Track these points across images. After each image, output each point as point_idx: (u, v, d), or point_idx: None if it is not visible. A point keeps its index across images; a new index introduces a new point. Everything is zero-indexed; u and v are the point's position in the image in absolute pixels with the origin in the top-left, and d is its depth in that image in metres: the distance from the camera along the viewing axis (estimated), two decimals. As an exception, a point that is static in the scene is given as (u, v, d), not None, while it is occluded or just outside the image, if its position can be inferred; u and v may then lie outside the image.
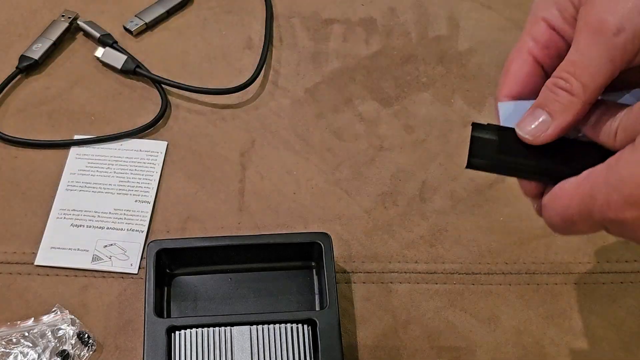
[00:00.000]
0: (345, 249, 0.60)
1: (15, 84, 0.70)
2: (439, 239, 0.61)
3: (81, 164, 0.65)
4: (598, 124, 0.40)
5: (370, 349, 0.56)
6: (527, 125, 0.41)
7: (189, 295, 0.57)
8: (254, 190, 0.64)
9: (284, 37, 0.73)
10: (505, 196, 0.63)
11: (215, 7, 0.76)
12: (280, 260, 0.58)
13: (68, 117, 0.68)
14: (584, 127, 0.41)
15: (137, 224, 0.62)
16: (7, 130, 0.66)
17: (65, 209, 0.62)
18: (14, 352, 0.54)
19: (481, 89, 0.70)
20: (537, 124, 0.41)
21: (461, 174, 0.65)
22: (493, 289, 0.59)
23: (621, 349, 0.56)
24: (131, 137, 0.67)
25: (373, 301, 0.58)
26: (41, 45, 0.71)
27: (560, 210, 0.40)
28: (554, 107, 0.40)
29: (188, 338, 0.53)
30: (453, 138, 0.67)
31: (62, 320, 0.56)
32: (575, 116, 0.40)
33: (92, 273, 0.59)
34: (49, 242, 0.61)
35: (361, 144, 0.66)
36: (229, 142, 0.67)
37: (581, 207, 0.39)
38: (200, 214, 0.62)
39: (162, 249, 0.57)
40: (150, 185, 0.64)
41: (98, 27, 0.73)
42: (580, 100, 0.39)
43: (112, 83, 0.70)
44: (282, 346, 0.53)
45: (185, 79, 0.69)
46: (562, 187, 0.40)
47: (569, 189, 0.39)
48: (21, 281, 0.59)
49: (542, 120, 0.41)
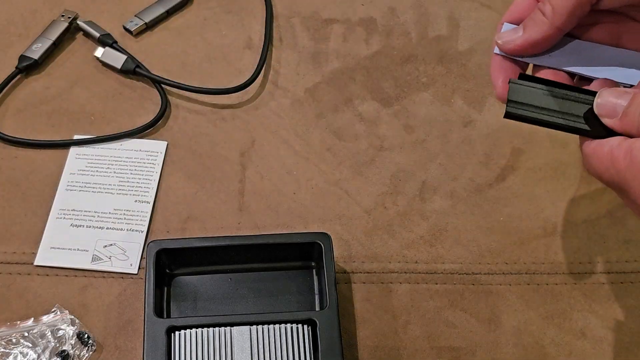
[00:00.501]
0: (345, 249, 0.60)
1: (15, 84, 0.70)
2: (439, 239, 0.61)
3: (81, 164, 0.65)
4: (624, 117, 0.41)
5: (370, 349, 0.56)
6: (504, 35, 0.47)
7: (189, 296, 0.57)
8: (254, 190, 0.64)
9: (284, 37, 0.73)
10: (505, 196, 0.63)
11: (215, 7, 0.76)
12: (280, 260, 0.58)
13: (68, 117, 0.68)
14: (611, 122, 0.42)
15: (137, 224, 0.62)
16: (7, 130, 0.66)
17: (65, 209, 0.62)
18: (13, 352, 0.54)
19: (481, 89, 0.70)
20: (511, 32, 0.46)
21: (461, 174, 0.65)
22: (493, 289, 0.59)
23: (621, 349, 0.56)
24: (131, 137, 0.67)
25: (373, 301, 0.58)
26: (41, 45, 0.70)
27: (597, 172, 0.42)
28: (527, 23, 0.46)
29: (188, 338, 0.53)
30: (453, 138, 0.67)
31: (62, 320, 0.56)
32: (543, 35, 0.45)
33: (92, 273, 0.59)
34: (49, 242, 0.61)
35: (361, 144, 0.66)
36: (229, 142, 0.67)
37: (614, 181, 0.40)
38: (200, 214, 0.62)
39: (162, 249, 0.56)
40: (150, 185, 0.64)
41: (98, 27, 0.73)
42: (548, 21, 0.45)
43: (112, 83, 0.70)
44: (282, 346, 0.53)
45: (185, 79, 0.69)
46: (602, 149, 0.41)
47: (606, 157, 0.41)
48: (21, 281, 0.59)
49: (515, 32, 0.46)
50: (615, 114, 0.41)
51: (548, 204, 0.63)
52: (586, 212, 0.62)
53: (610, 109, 0.42)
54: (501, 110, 0.69)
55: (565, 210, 0.63)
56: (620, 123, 0.41)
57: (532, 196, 0.63)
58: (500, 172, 0.65)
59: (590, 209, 0.63)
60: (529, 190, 0.64)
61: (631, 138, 0.40)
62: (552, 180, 0.64)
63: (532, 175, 0.65)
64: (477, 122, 0.68)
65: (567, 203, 0.63)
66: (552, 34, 0.45)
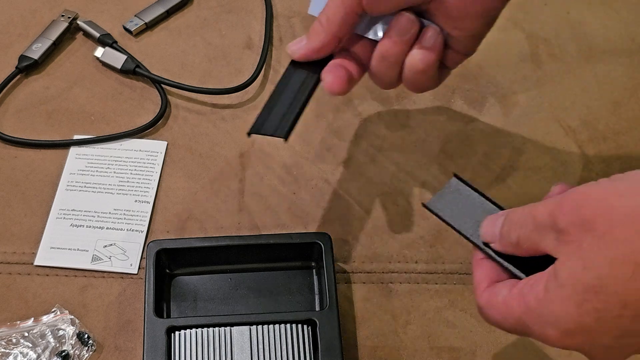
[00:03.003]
0: (345, 249, 0.60)
1: (14, 84, 0.70)
2: (439, 239, 0.61)
3: (81, 164, 0.65)
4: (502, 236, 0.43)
5: (370, 349, 0.56)
6: (291, 45, 0.52)
7: (189, 296, 0.57)
8: (253, 190, 0.64)
9: (284, 37, 0.73)
10: (504, 196, 0.63)
11: (215, 7, 0.76)
12: (280, 260, 0.58)
13: (68, 117, 0.68)
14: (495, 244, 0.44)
15: (137, 224, 0.62)
16: (7, 130, 0.66)
17: (65, 209, 0.62)
18: (13, 353, 0.54)
19: (481, 89, 0.70)
20: (297, 42, 0.51)
21: (461, 174, 0.64)
22: (493, 289, 0.59)
23: (621, 349, 0.56)
24: (131, 137, 0.67)
25: (373, 301, 0.58)
26: (41, 45, 0.70)
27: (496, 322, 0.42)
28: (309, 33, 0.51)
29: (188, 338, 0.53)
30: (453, 138, 0.67)
31: (62, 320, 0.56)
32: (322, 42, 0.50)
33: (91, 273, 0.59)
34: (49, 242, 0.61)
35: (361, 144, 0.66)
36: (229, 142, 0.67)
37: (516, 329, 0.41)
38: (200, 214, 0.62)
39: (162, 249, 0.57)
40: (150, 185, 0.64)
41: (98, 27, 0.73)
42: (324, 30, 0.50)
43: (111, 83, 0.70)
44: (282, 346, 0.53)
45: (185, 79, 0.69)
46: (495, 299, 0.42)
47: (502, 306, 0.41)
48: (21, 281, 0.59)
49: (300, 41, 0.51)
50: (495, 238, 0.43)
51: (548, 204, 0.63)
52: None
53: (491, 234, 0.43)
54: (501, 110, 0.69)
55: (565, 210, 0.63)
56: (500, 245, 0.43)
57: (532, 196, 0.63)
58: (500, 172, 0.65)
59: (590, 209, 0.63)
60: (529, 190, 0.64)
61: (519, 280, 0.41)
62: (552, 180, 0.64)
63: (532, 175, 0.65)
64: (477, 122, 0.68)
65: (567, 203, 0.63)
66: (330, 41, 0.50)
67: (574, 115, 0.68)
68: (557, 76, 0.71)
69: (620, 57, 0.72)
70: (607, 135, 0.67)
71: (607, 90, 0.70)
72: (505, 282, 0.42)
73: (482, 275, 0.44)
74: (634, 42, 0.73)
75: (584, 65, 0.72)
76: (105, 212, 0.62)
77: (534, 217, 0.40)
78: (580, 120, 0.68)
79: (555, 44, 0.73)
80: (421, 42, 0.50)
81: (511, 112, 0.69)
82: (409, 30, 0.49)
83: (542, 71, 0.71)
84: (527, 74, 0.71)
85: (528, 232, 0.40)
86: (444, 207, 0.47)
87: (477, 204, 0.46)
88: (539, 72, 0.71)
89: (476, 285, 0.44)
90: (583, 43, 0.73)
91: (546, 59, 0.72)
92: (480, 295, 0.43)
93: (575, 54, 0.72)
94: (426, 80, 0.52)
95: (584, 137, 0.67)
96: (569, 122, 0.68)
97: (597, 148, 0.66)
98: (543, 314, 0.39)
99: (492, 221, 0.44)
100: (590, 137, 0.67)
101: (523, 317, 0.40)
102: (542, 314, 0.39)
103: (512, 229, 0.42)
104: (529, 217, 0.40)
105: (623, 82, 0.70)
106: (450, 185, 0.47)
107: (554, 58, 0.72)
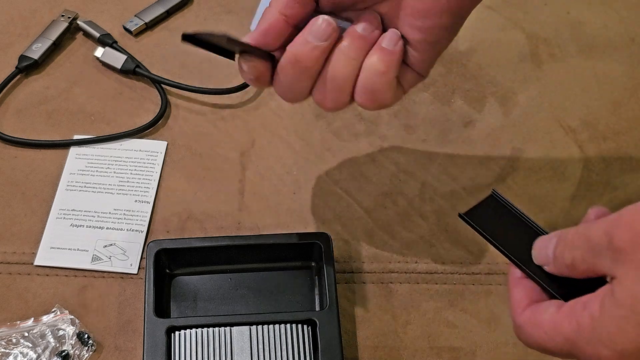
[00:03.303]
0: (345, 249, 0.60)
1: (15, 84, 0.70)
2: (439, 239, 0.61)
3: (81, 164, 0.65)
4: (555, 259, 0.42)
5: (370, 349, 0.56)
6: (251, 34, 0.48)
7: (189, 296, 0.57)
8: (254, 190, 0.64)
9: (283, 37, 0.73)
10: (505, 196, 0.63)
11: (215, 7, 0.76)
12: (280, 260, 0.58)
13: (68, 117, 0.68)
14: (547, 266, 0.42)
15: (136, 224, 0.62)
16: (7, 130, 0.66)
17: (65, 209, 0.62)
18: (13, 353, 0.54)
19: (481, 89, 0.70)
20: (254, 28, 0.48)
21: (461, 174, 0.65)
22: (493, 289, 0.59)
23: (621, 349, 0.56)
24: (131, 137, 0.67)
25: (373, 301, 0.58)
26: (41, 45, 0.70)
27: (539, 342, 0.41)
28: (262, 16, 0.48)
29: (188, 338, 0.53)
30: (453, 138, 0.67)
31: (62, 320, 0.56)
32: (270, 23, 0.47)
33: (91, 273, 0.59)
34: (49, 242, 0.61)
35: (361, 144, 0.66)
36: (229, 142, 0.67)
37: (562, 349, 0.40)
38: (200, 214, 0.62)
39: (162, 249, 0.57)
40: (150, 185, 0.64)
41: (98, 27, 0.73)
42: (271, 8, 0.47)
43: (112, 83, 0.70)
44: (282, 346, 0.52)
45: (185, 79, 0.69)
46: (541, 317, 0.40)
47: (549, 325, 0.40)
48: (21, 281, 0.59)
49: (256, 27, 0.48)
50: (549, 261, 0.42)
51: (548, 204, 0.63)
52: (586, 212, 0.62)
53: (544, 256, 0.42)
54: (501, 110, 0.69)
55: (565, 210, 0.63)
56: (555, 268, 0.41)
57: (532, 196, 0.63)
58: (500, 172, 0.65)
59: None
60: (529, 190, 0.64)
61: (567, 302, 0.40)
62: (552, 180, 0.64)
63: (532, 175, 0.65)
64: (477, 122, 0.68)
65: (567, 203, 0.63)
66: (279, 21, 0.47)
67: (574, 115, 0.68)
68: (557, 76, 0.71)
69: (620, 58, 0.72)
70: (607, 135, 0.67)
71: (607, 90, 0.70)
72: (551, 301, 0.41)
73: (522, 294, 0.42)
74: (634, 42, 0.73)
75: (584, 65, 0.72)
76: (105, 212, 0.62)
77: (588, 237, 0.39)
78: (580, 120, 0.68)
79: (555, 44, 0.73)
80: (381, 43, 0.48)
81: (511, 112, 0.69)
82: (327, 35, 0.47)
83: (542, 71, 0.71)
84: (527, 74, 0.71)
85: (583, 253, 0.39)
86: (482, 221, 0.45)
87: (517, 223, 0.45)
88: (539, 72, 0.71)
89: (515, 304, 0.42)
90: (583, 43, 0.73)
91: (546, 59, 0.72)
92: (520, 314, 0.42)
93: (575, 54, 0.72)
94: (385, 86, 0.48)
95: (584, 137, 0.67)
96: (569, 122, 0.68)
97: (597, 148, 0.66)
98: (597, 333, 0.37)
99: (545, 243, 0.42)
100: (590, 137, 0.67)
101: (573, 337, 0.38)
102: (596, 334, 0.37)
103: (566, 250, 0.40)
104: (583, 237, 0.39)
105: (623, 82, 0.70)
106: (488, 200, 0.46)
107: (554, 58, 0.72)
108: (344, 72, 0.48)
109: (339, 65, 0.48)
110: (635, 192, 0.63)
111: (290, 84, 0.49)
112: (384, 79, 0.48)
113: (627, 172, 0.65)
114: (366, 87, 0.48)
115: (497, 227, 0.45)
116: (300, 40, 0.47)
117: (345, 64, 0.48)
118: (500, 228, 0.45)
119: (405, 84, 0.50)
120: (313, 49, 0.47)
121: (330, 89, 0.48)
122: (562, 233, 0.41)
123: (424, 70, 0.50)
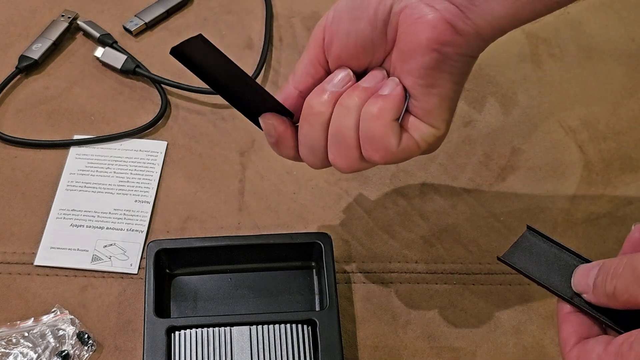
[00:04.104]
0: (345, 249, 0.60)
1: (15, 84, 0.70)
2: (439, 239, 0.61)
3: (81, 164, 0.65)
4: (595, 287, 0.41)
5: (370, 349, 0.56)
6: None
7: (189, 295, 0.57)
8: (254, 190, 0.64)
9: (284, 37, 0.73)
10: (505, 196, 0.63)
11: (215, 7, 0.76)
12: (280, 260, 0.58)
13: (68, 117, 0.68)
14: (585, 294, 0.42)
15: (137, 224, 0.62)
16: (7, 130, 0.66)
17: (65, 209, 0.62)
18: (13, 353, 0.54)
19: (481, 89, 0.70)
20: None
21: (461, 174, 0.65)
22: (493, 289, 0.59)
23: (621, 349, 0.56)
24: (131, 137, 0.67)
25: (373, 301, 0.58)
26: (41, 45, 0.70)
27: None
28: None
29: (188, 338, 0.53)
30: (453, 138, 0.67)
31: (62, 320, 0.56)
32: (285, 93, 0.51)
33: (91, 273, 0.59)
34: (49, 242, 0.61)
35: (361, 144, 0.66)
36: (229, 142, 0.67)
37: None
38: (200, 214, 0.62)
39: (162, 249, 0.57)
40: (150, 185, 0.64)
41: (98, 27, 0.73)
42: (290, 80, 0.51)
43: (111, 83, 0.70)
44: (282, 346, 0.53)
45: (185, 79, 0.69)
46: (589, 356, 0.40)
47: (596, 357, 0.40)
48: (21, 281, 0.59)
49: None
50: (589, 289, 0.41)
51: (548, 204, 0.63)
52: (586, 212, 0.62)
53: (584, 285, 0.42)
54: (501, 110, 0.69)
55: (565, 210, 0.63)
56: (594, 296, 0.41)
57: (532, 196, 0.63)
58: (500, 172, 0.65)
59: (590, 209, 0.63)
60: (529, 190, 0.64)
61: (614, 337, 0.40)
62: (552, 180, 0.64)
63: (532, 175, 0.65)
64: (477, 122, 0.68)
65: (567, 203, 0.63)
66: (291, 92, 0.50)
67: (574, 115, 0.68)
68: (557, 76, 0.71)
69: (620, 58, 0.72)
70: (607, 135, 0.67)
71: (607, 90, 0.70)
72: (599, 339, 0.40)
73: (571, 331, 0.42)
74: (634, 43, 0.73)
75: (584, 65, 0.72)
76: (105, 212, 0.62)
77: (634, 267, 0.38)
78: (580, 120, 0.68)
79: (555, 44, 0.73)
80: (378, 91, 0.47)
81: (511, 112, 0.69)
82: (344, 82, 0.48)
83: (542, 71, 0.71)
84: (527, 74, 0.71)
85: (627, 283, 0.39)
86: (521, 259, 0.45)
87: (557, 255, 0.45)
88: (539, 72, 0.71)
89: (564, 341, 0.42)
90: (583, 43, 0.73)
91: (546, 59, 0.72)
92: (569, 352, 0.41)
93: (575, 54, 0.72)
94: (381, 129, 0.46)
95: (584, 137, 0.67)
96: (569, 122, 0.68)
97: (597, 148, 0.66)
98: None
99: (586, 271, 0.42)
100: (590, 137, 0.67)
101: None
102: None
103: (608, 279, 0.40)
104: (628, 267, 0.39)
105: (623, 82, 0.70)
106: (524, 237, 0.46)
107: (554, 58, 0.72)
108: (345, 123, 0.47)
109: (340, 116, 0.47)
110: (635, 192, 0.63)
111: (308, 141, 0.49)
112: (379, 122, 0.46)
113: (627, 172, 0.65)
114: (366, 134, 0.47)
115: (538, 263, 0.45)
116: (316, 88, 0.49)
117: (345, 114, 0.47)
118: (541, 264, 0.45)
119: (417, 134, 0.48)
120: (325, 94, 0.48)
121: (337, 144, 0.48)
122: (606, 262, 0.41)
123: (434, 121, 0.48)
